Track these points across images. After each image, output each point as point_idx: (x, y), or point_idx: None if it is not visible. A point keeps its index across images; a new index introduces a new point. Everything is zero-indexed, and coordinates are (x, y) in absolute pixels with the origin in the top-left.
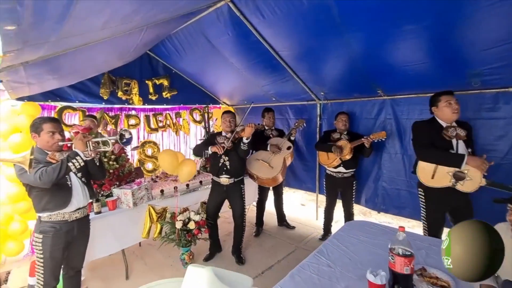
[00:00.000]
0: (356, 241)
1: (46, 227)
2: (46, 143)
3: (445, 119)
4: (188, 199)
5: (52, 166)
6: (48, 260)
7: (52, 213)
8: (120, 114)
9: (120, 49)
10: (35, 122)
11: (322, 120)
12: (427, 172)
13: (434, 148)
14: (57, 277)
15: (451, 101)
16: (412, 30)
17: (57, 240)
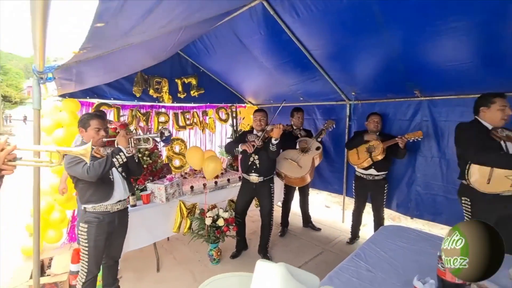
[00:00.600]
0: (395, 247)
1: (90, 217)
2: (91, 139)
3: (492, 122)
4: (216, 196)
5: (99, 161)
6: (92, 249)
7: (96, 204)
8: (151, 112)
9: (157, 49)
10: (83, 118)
11: (351, 121)
12: (481, 177)
13: (489, 149)
14: (99, 265)
15: (505, 106)
16: (460, 27)
17: (101, 230)
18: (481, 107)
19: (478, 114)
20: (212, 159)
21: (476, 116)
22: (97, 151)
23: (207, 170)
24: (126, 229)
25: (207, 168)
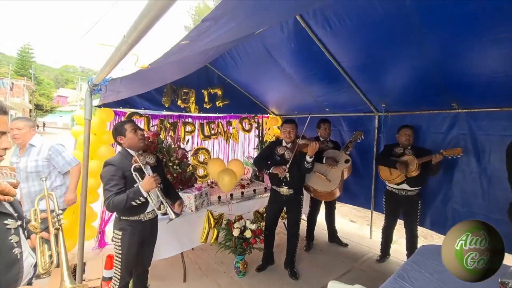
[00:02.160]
0: (441, 269)
1: (124, 225)
2: (132, 140)
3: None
4: (242, 207)
5: (119, 198)
6: (125, 256)
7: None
8: (179, 121)
9: (187, 65)
10: (117, 127)
11: (381, 133)
12: None
13: None
14: (131, 272)
15: None
16: (506, 38)
17: (134, 237)
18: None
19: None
20: (226, 172)
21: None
22: (137, 161)
23: (222, 184)
24: (156, 237)
25: (222, 182)
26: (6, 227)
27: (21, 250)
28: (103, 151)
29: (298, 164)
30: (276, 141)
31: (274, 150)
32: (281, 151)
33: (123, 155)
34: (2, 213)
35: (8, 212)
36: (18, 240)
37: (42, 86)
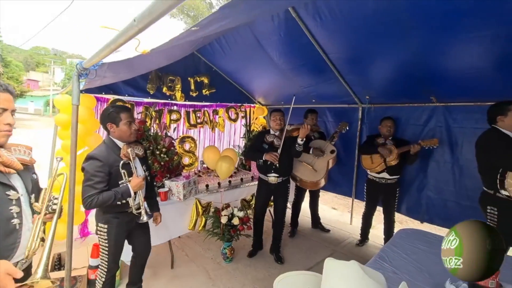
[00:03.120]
0: (417, 250)
1: (110, 217)
2: (124, 134)
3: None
4: (229, 195)
5: (105, 197)
6: (112, 248)
7: None
8: (164, 109)
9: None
10: (111, 112)
11: (363, 125)
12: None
13: None
14: (117, 262)
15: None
16: (488, 36)
17: (120, 229)
18: (498, 116)
19: (496, 123)
20: (225, 159)
21: (494, 125)
22: (125, 153)
23: (220, 170)
24: (147, 228)
25: (220, 169)
26: (8, 197)
27: (20, 221)
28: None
29: (288, 150)
30: (263, 131)
31: (262, 139)
32: (270, 139)
33: (109, 147)
34: (5, 184)
35: (10, 184)
36: (18, 211)
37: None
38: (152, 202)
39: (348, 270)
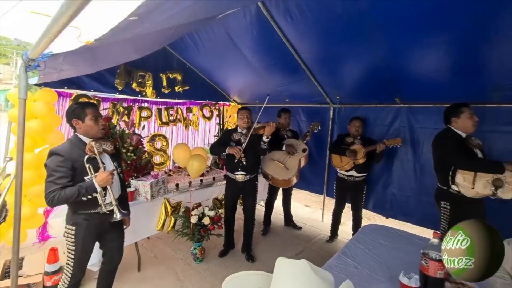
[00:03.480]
0: (378, 245)
1: (79, 219)
2: (90, 129)
3: (464, 130)
4: (201, 194)
5: (67, 193)
6: (79, 252)
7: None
8: (133, 106)
9: (143, 45)
10: (75, 108)
11: (334, 124)
12: (467, 183)
13: (474, 156)
14: (84, 269)
15: (472, 113)
16: (443, 42)
17: (89, 232)
18: (452, 117)
19: (450, 124)
20: (196, 157)
21: (449, 126)
22: (91, 148)
23: (191, 169)
24: (120, 230)
25: (191, 167)
26: None
27: None
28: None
29: (254, 148)
30: (232, 128)
31: (229, 137)
32: (236, 137)
33: (73, 143)
34: None
35: None
36: None
37: None
38: (125, 203)
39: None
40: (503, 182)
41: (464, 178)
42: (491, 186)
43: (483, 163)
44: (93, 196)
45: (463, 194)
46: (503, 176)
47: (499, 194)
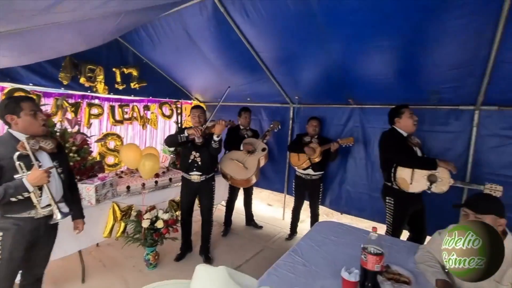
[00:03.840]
0: (328, 241)
1: (7, 223)
2: (29, 125)
3: (406, 130)
4: (156, 197)
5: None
6: (5, 262)
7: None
8: (82, 102)
9: (90, 33)
10: (8, 103)
11: (294, 124)
12: (405, 179)
13: (412, 154)
14: (13, 281)
15: (412, 114)
16: (386, 46)
17: (20, 239)
18: (395, 118)
19: (394, 124)
20: (148, 157)
21: (393, 126)
22: (22, 144)
23: (143, 170)
24: (54, 238)
25: (143, 168)
26: None
27: None
28: None
29: (209, 148)
30: (185, 127)
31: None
32: (191, 136)
33: (2, 140)
34: None
35: None
36: None
37: None
38: (74, 206)
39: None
40: (437, 177)
41: (403, 174)
42: (426, 181)
43: (419, 160)
44: (25, 197)
45: (403, 189)
46: (436, 172)
47: (433, 189)
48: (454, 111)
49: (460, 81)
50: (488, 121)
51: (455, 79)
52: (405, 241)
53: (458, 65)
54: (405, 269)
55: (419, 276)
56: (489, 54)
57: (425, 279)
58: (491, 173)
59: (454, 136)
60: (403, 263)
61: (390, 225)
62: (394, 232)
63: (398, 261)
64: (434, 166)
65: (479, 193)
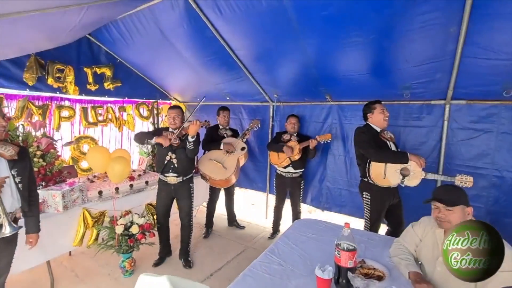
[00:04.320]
0: (305, 239)
1: None
2: None
3: (379, 125)
4: (131, 201)
5: None
6: None
7: None
8: (50, 104)
9: (52, 28)
10: None
11: (274, 122)
12: (379, 173)
13: (383, 148)
14: None
15: (384, 109)
16: (359, 42)
17: None
18: (367, 113)
19: (367, 120)
20: (118, 160)
21: (367, 121)
22: None
23: (112, 173)
24: (12, 249)
25: (112, 171)
26: None
27: None
28: None
29: (185, 149)
30: (163, 127)
31: (160, 135)
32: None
33: None
34: None
35: None
36: None
37: None
38: (29, 219)
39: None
40: (409, 170)
41: (377, 169)
42: (399, 175)
43: (391, 154)
44: None
45: (378, 184)
46: (408, 165)
47: (406, 182)
48: (427, 105)
49: (430, 76)
50: (458, 114)
51: (426, 74)
52: (381, 235)
53: (427, 60)
54: (380, 263)
55: (393, 269)
56: (455, 49)
57: (399, 273)
58: (462, 164)
59: (427, 130)
60: (379, 258)
61: (368, 219)
62: (372, 226)
63: (374, 255)
64: (406, 159)
65: (443, 186)
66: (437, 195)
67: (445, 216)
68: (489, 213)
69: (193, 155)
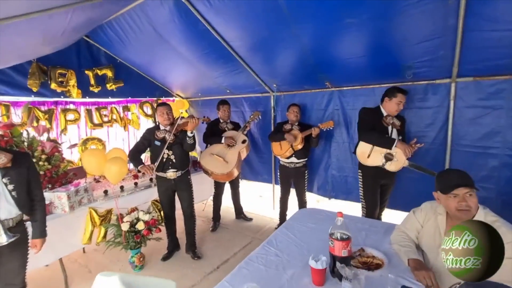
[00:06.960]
0: (305, 229)
1: None
2: None
3: (388, 111)
4: (137, 198)
5: None
6: None
7: None
8: (55, 108)
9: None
10: None
11: (276, 112)
12: (364, 152)
13: (373, 131)
14: None
15: (402, 102)
16: (353, 24)
17: None
18: (386, 97)
19: (382, 102)
20: (114, 161)
21: (380, 104)
22: None
23: (109, 175)
24: (22, 250)
25: (109, 173)
26: None
27: None
28: None
29: (181, 144)
30: (151, 127)
31: (152, 137)
32: (161, 135)
33: None
34: None
35: None
36: None
37: None
38: (33, 224)
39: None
40: (393, 156)
41: (363, 148)
42: (382, 158)
43: (377, 138)
44: None
45: (361, 162)
46: (394, 152)
47: (386, 166)
48: (431, 85)
49: (433, 54)
50: (465, 92)
51: (428, 52)
52: (384, 222)
53: (428, 36)
54: (380, 251)
55: (393, 257)
56: (457, 23)
57: (399, 260)
58: (471, 145)
59: (433, 111)
60: (379, 245)
61: (363, 198)
62: (368, 206)
63: (374, 243)
64: (390, 145)
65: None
66: (462, 181)
67: (467, 203)
68: (501, 193)
69: (191, 150)
